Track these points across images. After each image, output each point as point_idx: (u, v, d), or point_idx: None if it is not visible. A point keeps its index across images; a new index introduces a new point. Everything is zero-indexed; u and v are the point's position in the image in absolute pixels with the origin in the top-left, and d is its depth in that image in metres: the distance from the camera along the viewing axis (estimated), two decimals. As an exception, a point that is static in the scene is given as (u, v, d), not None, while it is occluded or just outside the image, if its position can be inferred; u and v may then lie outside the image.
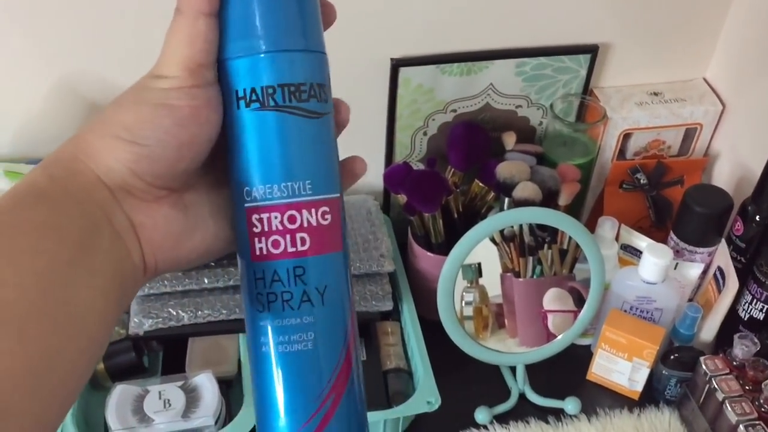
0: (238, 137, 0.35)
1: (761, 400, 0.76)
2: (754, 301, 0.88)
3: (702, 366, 0.81)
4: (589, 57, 0.93)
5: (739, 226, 0.90)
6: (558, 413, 0.87)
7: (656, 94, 0.98)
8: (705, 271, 0.93)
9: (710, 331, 0.89)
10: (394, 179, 0.87)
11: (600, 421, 0.86)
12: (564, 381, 0.91)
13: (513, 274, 0.81)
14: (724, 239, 0.91)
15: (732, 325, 0.90)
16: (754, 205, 0.88)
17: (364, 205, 0.94)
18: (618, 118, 0.95)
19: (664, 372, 0.86)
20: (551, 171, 0.85)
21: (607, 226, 0.88)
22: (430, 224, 0.88)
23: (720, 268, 0.90)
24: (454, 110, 0.94)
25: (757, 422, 0.75)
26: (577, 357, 0.92)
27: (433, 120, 0.95)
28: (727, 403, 0.77)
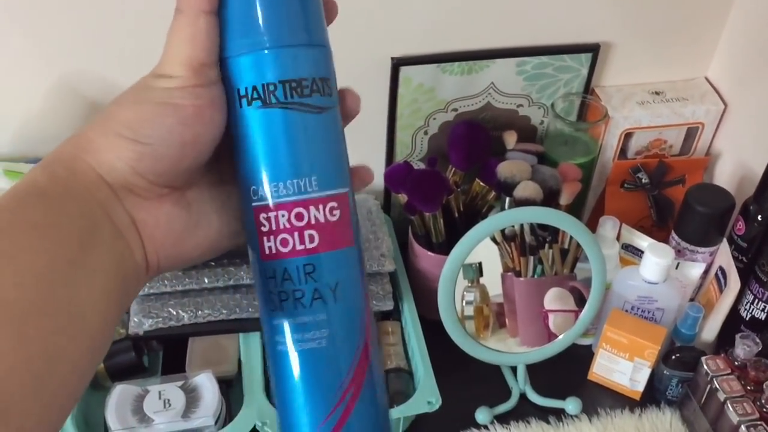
0: (242, 136, 0.35)
1: (763, 401, 0.76)
2: (756, 301, 0.88)
3: (703, 366, 0.80)
4: (591, 56, 0.93)
5: (740, 226, 0.89)
6: (559, 413, 0.87)
7: (658, 93, 0.98)
8: (706, 271, 0.93)
9: (712, 331, 0.89)
10: (394, 179, 0.87)
11: (601, 422, 0.86)
12: (565, 381, 0.91)
13: (514, 274, 0.81)
14: (725, 239, 0.91)
15: (733, 325, 0.90)
16: (755, 205, 0.88)
17: (364, 204, 0.94)
18: (619, 117, 0.95)
19: (665, 372, 0.85)
20: (552, 170, 0.85)
21: (609, 226, 0.88)
22: (431, 224, 0.88)
23: (721, 268, 0.90)
24: (455, 109, 0.94)
25: (759, 422, 0.75)
26: (578, 357, 0.92)
27: (433, 119, 0.94)
28: (728, 404, 0.77)
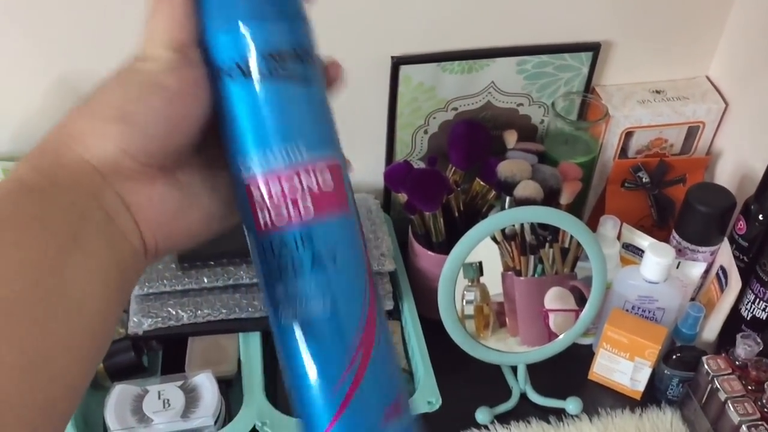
0: (227, 111, 0.35)
1: (764, 401, 0.76)
2: (757, 301, 0.87)
3: (704, 366, 0.80)
4: (591, 55, 0.93)
5: (741, 225, 0.89)
6: (559, 413, 0.87)
7: (658, 92, 0.98)
8: (707, 271, 0.92)
9: (712, 330, 0.89)
10: (394, 178, 0.87)
11: (601, 421, 0.86)
12: (565, 381, 0.90)
13: (514, 273, 0.81)
14: (726, 238, 0.91)
15: (734, 324, 0.90)
16: (756, 204, 0.87)
17: (364, 203, 0.93)
18: (620, 116, 0.95)
19: (666, 372, 0.85)
20: (553, 169, 0.85)
21: (609, 225, 0.88)
22: (431, 223, 0.88)
23: (722, 268, 0.89)
24: (455, 108, 0.94)
25: (760, 422, 0.75)
26: (579, 356, 0.92)
27: (433, 118, 0.94)
28: (729, 404, 0.77)
